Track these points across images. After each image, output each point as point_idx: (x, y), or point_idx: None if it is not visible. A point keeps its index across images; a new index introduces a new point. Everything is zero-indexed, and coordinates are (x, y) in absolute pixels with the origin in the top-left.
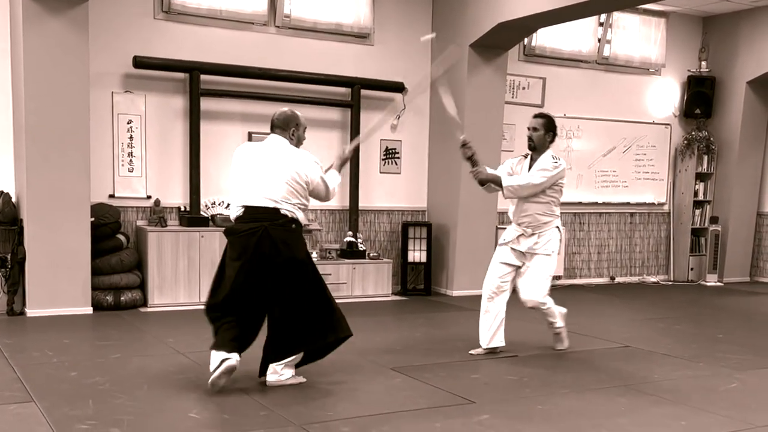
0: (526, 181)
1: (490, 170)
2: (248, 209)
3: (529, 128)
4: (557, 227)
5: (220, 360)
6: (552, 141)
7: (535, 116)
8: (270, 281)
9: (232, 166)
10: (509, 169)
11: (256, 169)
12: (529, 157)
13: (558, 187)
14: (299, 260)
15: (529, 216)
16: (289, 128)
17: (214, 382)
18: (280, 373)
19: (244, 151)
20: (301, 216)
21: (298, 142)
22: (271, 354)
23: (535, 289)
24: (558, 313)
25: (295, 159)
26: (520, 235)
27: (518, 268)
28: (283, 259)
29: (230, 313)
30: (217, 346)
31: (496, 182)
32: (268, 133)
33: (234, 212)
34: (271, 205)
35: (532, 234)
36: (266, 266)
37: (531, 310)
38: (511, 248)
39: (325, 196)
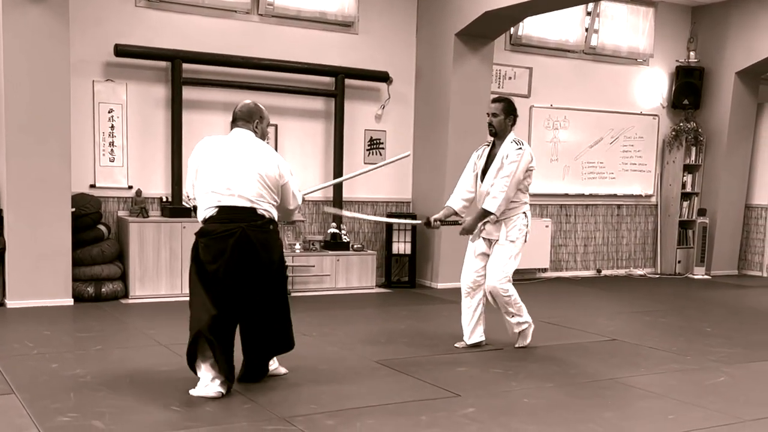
0: (502, 195)
1: (462, 209)
2: (223, 209)
3: (488, 114)
4: (524, 213)
5: (216, 388)
6: (513, 124)
7: (494, 101)
8: (246, 284)
9: (193, 161)
10: (473, 166)
11: (227, 166)
12: (491, 144)
13: (528, 172)
14: (276, 263)
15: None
16: (252, 121)
17: (198, 395)
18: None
19: (208, 145)
20: (275, 214)
21: (262, 135)
22: (257, 360)
23: (494, 274)
24: (523, 307)
25: (266, 154)
26: (486, 222)
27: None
28: (261, 262)
29: (222, 324)
30: (219, 369)
31: (484, 216)
32: None
33: (205, 212)
34: (248, 204)
35: (497, 221)
36: (244, 269)
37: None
38: (483, 238)
39: (292, 203)
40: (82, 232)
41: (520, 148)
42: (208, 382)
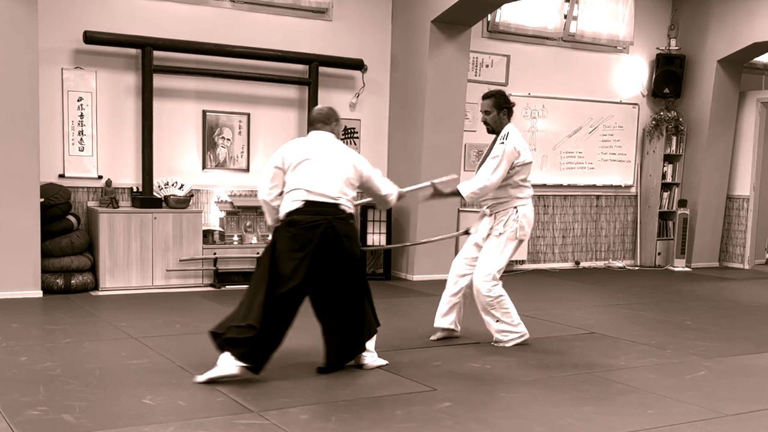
0: (478, 184)
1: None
2: (309, 203)
3: (481, 112)
4: (515, 208)
5: (234, 369)
6: (509, 116)
7: (484, 97)
8: (329, 275)
9: (277, 160)
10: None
11: (312, 165)
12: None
13: (517, 167)
14: (358, 256)
15: (488, 197)
16: (330, 123)
17: (208, 378)
18: (370, 355)
19: (294, 147)
20: (353, 210)
21: (336, 135)
22: (347, 351)
23: (478, 270)
24: (512, 314)
25: (346, 154)
26: (482, 215)
27: None
28: (345, 253)
29: (279, 315)
30: (246, 358)
31: (455, 195)
32: (223, 111)
33: (290, 205)
34: (331, 200)
35: (491, 215)
36: (328, 259)
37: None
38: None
39: (383, 189)
40: (51, 222)
41: (502, 143)
42: (228, 362)
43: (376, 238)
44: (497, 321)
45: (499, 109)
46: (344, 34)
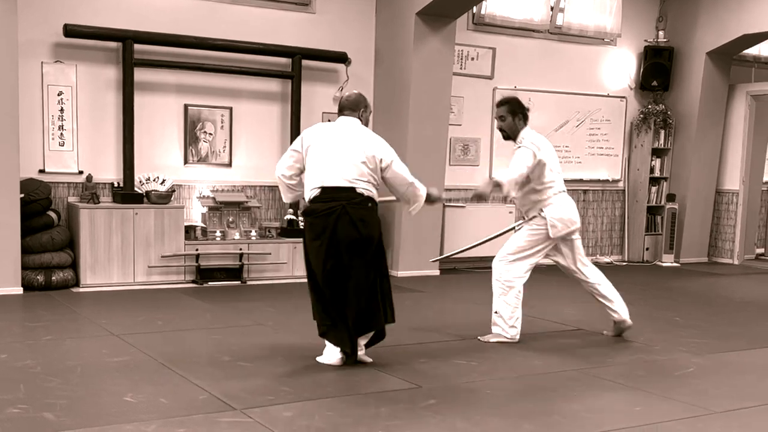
0: (508, 177)
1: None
2: (325, 189)
3: (496, 118)
4: (540, 211)
5: (338, 355)
6: (524, 121)
7: (498, 104)
8: (347, 259)
9: (299, 144)
10: None
11: (331, 149)
12: None
13: (537, 171)
14: (376, 239)
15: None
16: (358, 109)
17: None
18: (361, 348)
19: (317, 131)
20: (375, 194)
21: (365, 123)
22: (355, 330)
23: (498, 254)
24: (515, 319)
25: (369, 138)
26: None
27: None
28: (361, 237)
29: (327, 299)
30: (339, 344)
31: (496, 186)
32: (205, 105)
33: (310, 193)
34: (347, 184)
35: (528, 220)
36: (344, 245)
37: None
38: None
39: (406, 182)
40: (31, 218)
41: (519, 147)
42: (332, 350)
43: None
44: (495, 312)
45: (513, 114)
46: (328, 27)
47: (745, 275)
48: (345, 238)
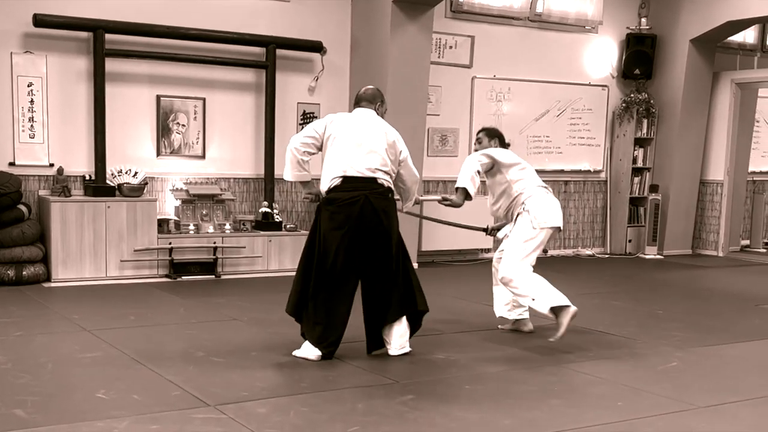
0: (463, 178)
1: None
2: (347, 179)
3: (475, 144)
4: (522, 205)
5: (317, 351)
6: (500, 145)
7: (478, 132)
8: (369, 250)
9: (321, 126)
10: None
11: (351, 140)
12: None
13: (497, 172)
14: (396, 231)
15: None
16: (375, 102)
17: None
18: (403, 345)
19: (337, 120)
20: (392, 185)
21: (381, 116)
22: (380, 323)
23: (503, 263)
24: (539, 278)
25: (388, 130)
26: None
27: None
28: (383, 228)
29: (336, 295)
30: (320, 342)
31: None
32: (178, 96)
33: (330, 182)
34: (369, 174)
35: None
36: (367, 234)
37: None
38: None
39: (414, 179)
40: (1, 212)
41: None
42: (311, 345)
43: None
44: (533, 300)
45: (490, 137)
46: (302, 16)
47: (729, 267)
48: (368, 228)
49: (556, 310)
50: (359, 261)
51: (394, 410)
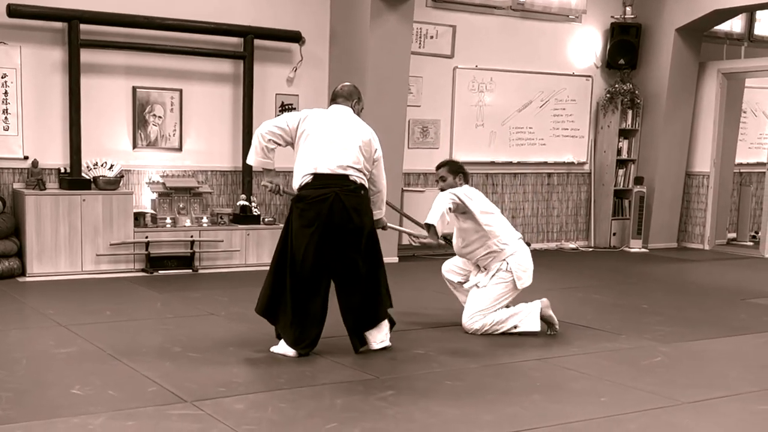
0: (433, 216)
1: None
2: (317, 176)
3: (437, 180)
4: (505, 262)
5: (293, 353)
6: (465, 181)
7: (438, 167)
8: (340, 249)
9: (294, 120)
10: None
11: (325, 136)
12: None
13: (471, 220)
14: (368, 227)
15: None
16: (352, 99)
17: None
18: (383, 339)
19: (314, 118)
20: (366, 183)
21: (357, 114)
22: (363, 323)
23: (471, 312)
24: (509, 318)
25: (362, 128)
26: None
27: None
28: (354, 226)
29: (310, 293)
30: (297, 344)
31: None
32: (154, 87)
33: (301, 180)
34: (340, 171)
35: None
36: (338, 233)
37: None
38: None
39: (384, 181)
40: None
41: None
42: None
43: None
44: (515, 327)
45: (455, 174)
46: (281, 5)
47: (715, 261)
48: (339, 226)
49: (540, 316)
50: (329, 259)
51: (373, 406)
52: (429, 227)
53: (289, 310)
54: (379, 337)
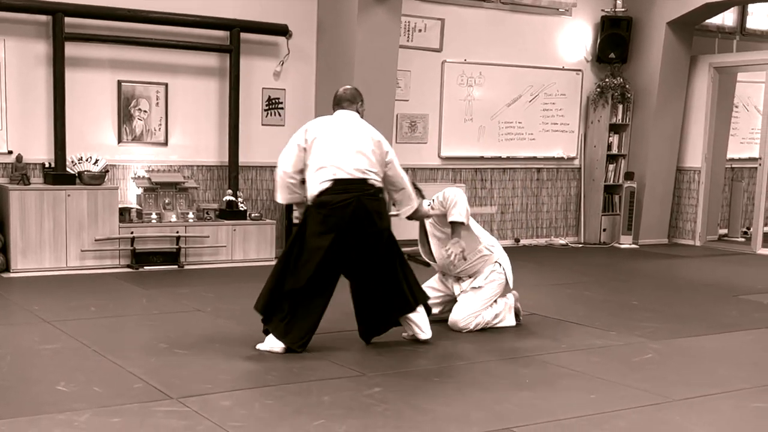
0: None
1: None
2: (337, 181)
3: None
4: (497, 263)
5: (280, 349)
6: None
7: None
8: (361, 252)
9: (300, 139)
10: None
11: (338, 142)
12: None
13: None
14: (388, 230)
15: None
16: (356, 102)
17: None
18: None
19: (319, 125)
20: (381, 185)
21: (361, 116)
22: (380, 325)
23: (465, 314)
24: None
25: (372, 132)
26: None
27: None
28: (376, 229)
29: (312, 293)
30: (292, 341)
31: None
32: (139, 81)
33: (319, 186)
34: (359, 175)
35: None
36: (360, 237)
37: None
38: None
39: (404, 177)
40: None
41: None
42: (276, 340)
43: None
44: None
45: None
46: None
47: (706, 257)
48: (361, 231)
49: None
50: (346, 263)
51: (361, 403)
52: (456, 224)
53: (287, 309)
54: (426, 324)
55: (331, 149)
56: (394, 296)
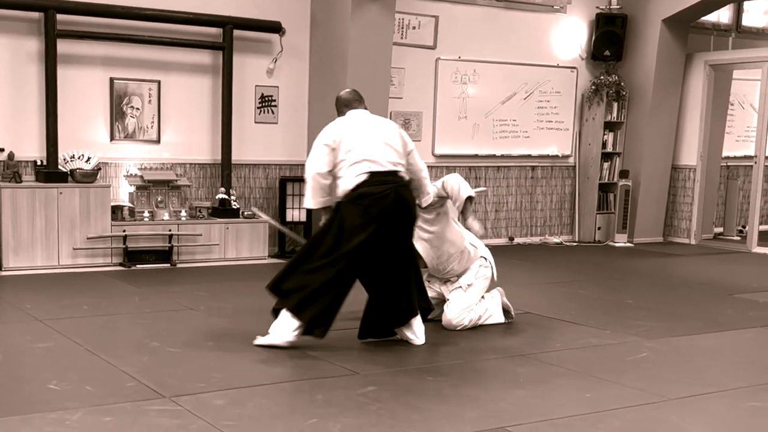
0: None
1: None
2: (373, 174)
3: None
4: (483, 257)
5: (289, 337)
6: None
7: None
8: (395, 243)
9: (328, 140)
10: None
11: (367, 139)
12: None
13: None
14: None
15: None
16: (363, 101)
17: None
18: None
19: (344, 125)
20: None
21: None
22: (397, 318)
23: (458, 310)
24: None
25: (393, 127)
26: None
27: None
28: (412, 218)
29: (342, 284)
30: (315, 324)
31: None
32: (132, 79)
33: (355, 180)
34: (392, 167)
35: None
36: (396, 226)
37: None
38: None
39: (423, 171)
40: None
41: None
42: (285, 330)
43: (295, 213)
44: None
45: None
46: None
47: (702, 256)
48: (399, 220)
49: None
50: (380, 256)
51: (354, 402)
52: (470, 201)
53: (312, 292)
54: (422, 330)
55: (362, 144)
56: (400, 302)
